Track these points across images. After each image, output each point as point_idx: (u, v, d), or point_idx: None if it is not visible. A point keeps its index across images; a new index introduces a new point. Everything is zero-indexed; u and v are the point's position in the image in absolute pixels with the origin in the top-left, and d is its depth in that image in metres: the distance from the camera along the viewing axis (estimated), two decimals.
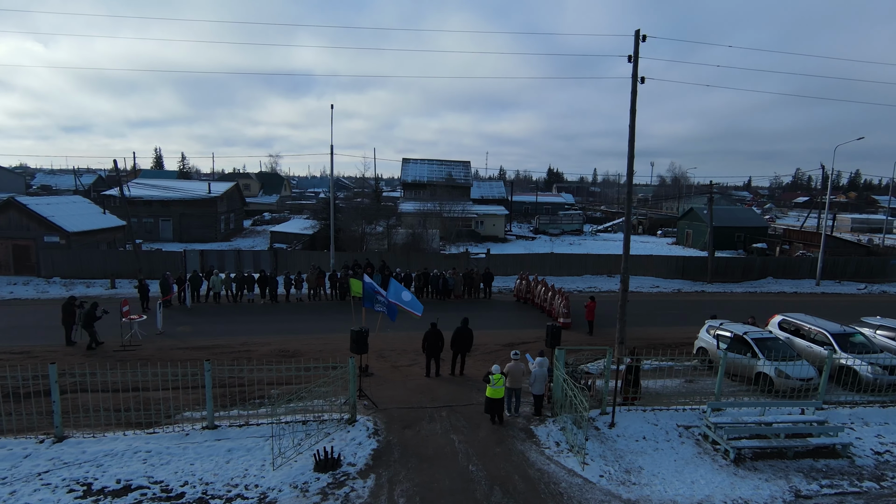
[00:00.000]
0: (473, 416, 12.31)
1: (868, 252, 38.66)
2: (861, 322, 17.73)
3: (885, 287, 32.55)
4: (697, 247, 49.75)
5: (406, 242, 35.66)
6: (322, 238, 38.45)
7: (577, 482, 9.69)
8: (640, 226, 64.64)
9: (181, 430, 11.11)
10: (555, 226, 57.99)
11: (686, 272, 32.52)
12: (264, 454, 10.31)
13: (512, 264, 30.40)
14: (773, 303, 27.25)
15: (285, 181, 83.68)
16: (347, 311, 22.20)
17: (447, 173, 54.29)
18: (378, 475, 9.71)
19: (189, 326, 19.43)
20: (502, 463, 10.26)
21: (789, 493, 9.52)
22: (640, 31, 15.36)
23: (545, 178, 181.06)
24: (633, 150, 15.99)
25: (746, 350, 14.70)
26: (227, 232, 48.20)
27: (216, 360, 15.76)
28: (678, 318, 22.98)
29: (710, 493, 9.38)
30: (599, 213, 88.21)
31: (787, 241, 45.13)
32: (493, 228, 48.55)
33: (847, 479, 10.04)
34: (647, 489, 9.53)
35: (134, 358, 15.93)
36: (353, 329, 13.01)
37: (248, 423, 11.47)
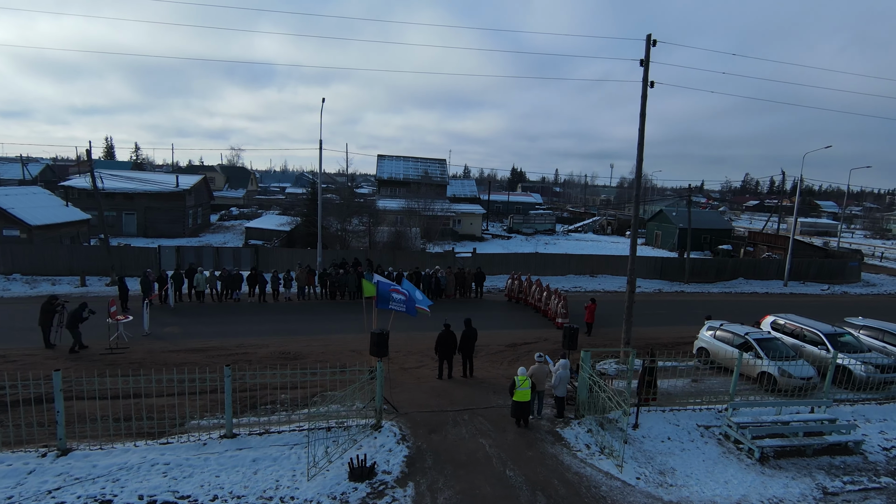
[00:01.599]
0: (497, 419, 12.17)
1: (826, 254, 40.86)
2: (845, 322, 18.62)
3: (845, 288, 34.49)
4: (666, 248, 51.36)
5: (389, 241, 35.17)
6: (300, 235, 37.44)
7: (617, 485, 9.70)
8: (609, 226, 66.18)
9: (197, 439, 10.47)
10: (528, 225, 58.56)
11: (664, 273, 33.45)
12: (292, 463, 9.85)
13: (498, 264, 30.41)
14: (748, 303, 28.40)
15: (252, 175, 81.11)
16: (342, 311, 21.67)
17: (423, 171, 53.90)
18: (416, 483, 9.42)
19: (177, 327, 18.43)
20: (538, 467, 10.16)
21: (817, 490, 9.84)
22: (650, 36, 15.56)
23: (509, 178, 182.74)
24: (641, 154, 16.20)
25: (749, 350, 15.16)
26: (195, 227, 46.25)
27: (213, 363, 15.07)
28: (667, 318, 23.59)
29: (746, 493, 9.57)
30: (567, 214, 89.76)
31: (751, 244, 47.14)
32: (471, 227, 48.57)
33: (866, 475, 10.48)
34: (685, 490, 9.64)
35: (124, 362, 14.95)
36: (374, 331, 12.61)
37: (269, 431, 10.92)
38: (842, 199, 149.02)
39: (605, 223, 66.69)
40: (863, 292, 33.90)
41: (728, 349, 15.68)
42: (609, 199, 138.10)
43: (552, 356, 17.36)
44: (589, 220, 67.51)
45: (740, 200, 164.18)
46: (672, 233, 51.08)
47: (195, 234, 44.95)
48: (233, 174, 73.79)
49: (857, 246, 56.55)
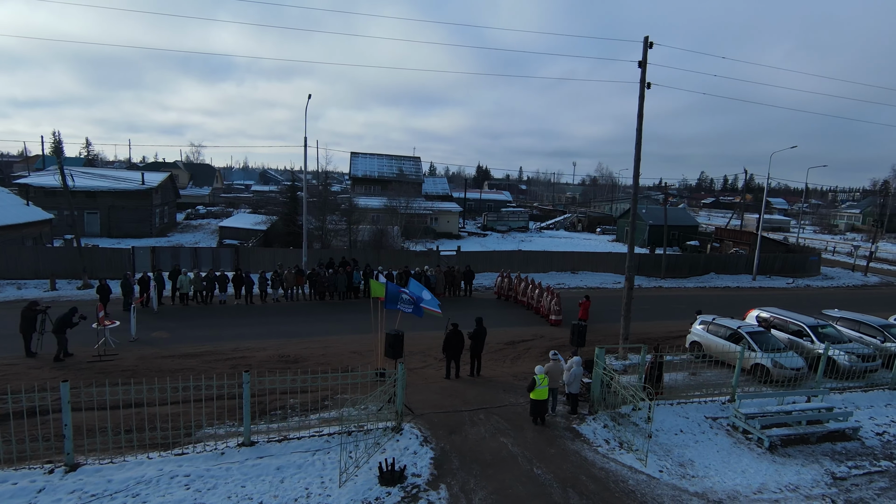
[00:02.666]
0: (512, 418, 12.22)
1: (787, 250, 42.89)
2: (822, 314, 19.59)
3: (808, 281, 36.33)
4: (637, 244, 52.73)
5: (370, 240, 34.76)
6: (277, 234, 36.57)
7: (643, 479, 9.91)
8: (580, 223, 67.47)
9: (214, 448, 10.08)
10: (502, 223, 59.04)
11: (641, 269, 34.34)
12: (318, 470, 9.62)
13: (482, 261, 30.54)
14: (721, 296, 29.54)
15: (217, 172, 78.53)
16: (334, 312, 21.28)
17: (398, 169, 53.54)
18: (448, 485, 9.36)
19: (165, 332, 17.68)
20: (563, 464, 10.27)
21: (827, 476, 10.33)
22: (648, 38, 15.92)
23: (475, 175, 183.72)
24: (639, 153, 16.57)
25: (742, 342, 15.75)
26: (162, 226, 44.48)
27: (210, 368, 14.56)
28: (652, 313, 24.24)
29: (764, 482, 9.95)
30: (535, 211, 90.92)
31: (717, 239, 48.99)
32: (448, 225, 48.58)
33: (867, 459, 11.07)
34: (708, 481, 9.94)
35: (115, 370, 14.25)
36: (389, 332, 12.45)
37: (287, 438, 10.62)
38: (790, 197, 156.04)
39: (576, 220, 67.96)
40: (823, 285, 35.77)
41: (721, 343, 16.24)
42: (574, 196, 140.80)
43: (548, 353, 17.62)
44: (560, 218, 68.63)
45: (697, 197, 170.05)
46: (642, 229, 52.52)
47: (162, 233, 43.23)
48: (197, 171, 71.23)
49: (809, 241, 59.63)
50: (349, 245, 34.29)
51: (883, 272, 42.59)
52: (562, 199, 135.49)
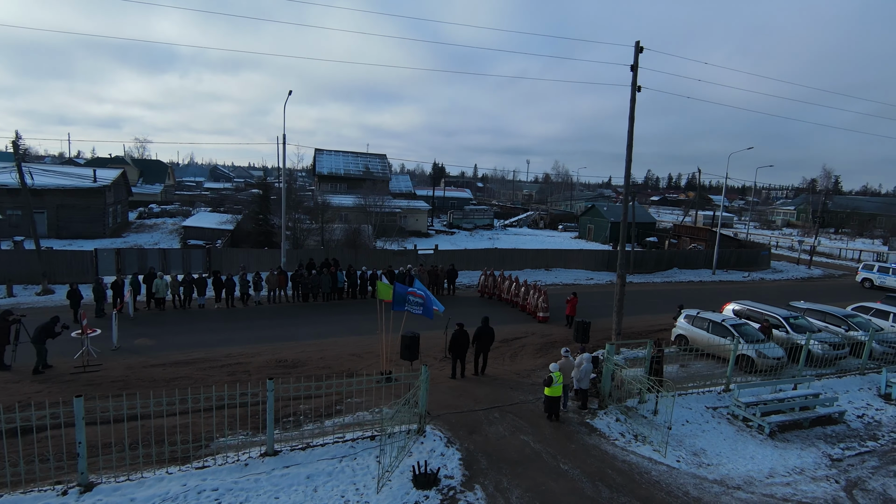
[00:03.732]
0: (527, 415, 12.41)
1: (740, 245, 45.41)
2: (789, 306, 20.91)
3: (761, 274, 38.63)
4: (599, 240, 54.43)
5: (344, 239, 34.20)
6: (245, 234, 35.37)
7: (663, 469, 10.32)
8: (542, 221, 68.84)
9: (237, 459, 9.71)
10: (468, 220, 59.42)
11: (610, 265, 35.46)
12: (349, 477, 9.45)
13: (459, 260, 30.65)
14: (687, 290, 30.97)
15: (169, 169, 74.81)
16: (321, 314, 20.82)
17: (364, 166, 52.85)
18: (483, 486, 9.43)
19: (147, 339, 16.79)
20: (587, 459, 10.54)
21: (825, 458, 11.10)
22: (639, 43, 16.46)
23: (431, 173, 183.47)
24: (630, 154, 17.13)
25: (726, 334, 16.63)
26: (116, 226, 42.06)
27: (207, 376, 14.01)
28: (629, 308, 24.95)
29: (773, 466, 10.58)
30: (496, 209, 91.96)
31: (674, 236, 51.22)
32: (417, 223, 48.43)
33: (855, 441, 11.97)
34: (723, 469, 10.47)
35: (103, 381, 13.43)
36: (405, 334, 12.36)
37: (310, 445, 10.35)
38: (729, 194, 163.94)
39: (538, 218, 69.29)
40: (775, 277, 38.14)
41: (707, 335, 17.08)
42: (531, 194, 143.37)
43: (547, 349, 17.98)
44: (523, 215, 69.76)
45: (645, 195, 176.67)
46: (604, 227, 54.21)
47: (116, 234, 40.87)
48: (146, 168, 67.56)
49: (751, 236, 63.39)
50: (322, 245, 33.61)
51: (824, 265, 45.85)
52: (519, 197, 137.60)
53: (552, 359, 17.06)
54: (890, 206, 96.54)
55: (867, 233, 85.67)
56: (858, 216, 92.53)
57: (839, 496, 9.68)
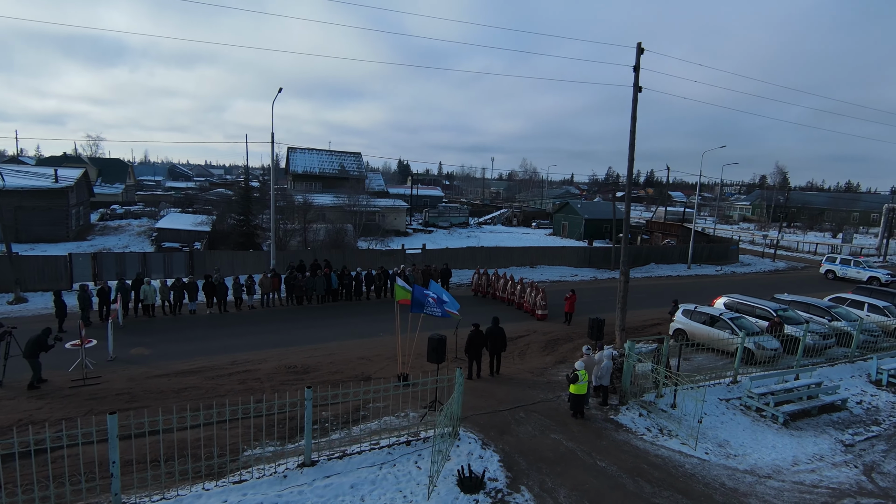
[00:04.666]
0: (551, 413, 12.50)
1: (709, 240, 47.11)
2: (774, 298, 21.84)
3: (732, 268, 40.20)
4: (574, 237, 55.41)
5: (327, 239, 33.57)
6: (223, 235, 34.22)
7: (695, 462, 10.59)
8: (515, 218, 69.52)
9: (274, 472, 9.36)
10: (444, 219, 59.38)
11: (592, 261, 36.19)
12: (392, 484, 9.28)
13: (448, 259, 30.52)
14: (668, 285, 31.90)
15: (130, 168, 71.40)
16: (319, 317, 20.35)
17: (340, 164, 52.02)
18: (528, 487, 9.43)
19: (144, 348, 16.01)
20: (620, 455, 10.70)
21: (839, 444, 11.64)
22: (640, 44, 16.79)
23: (396, 171, 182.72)
24: (632, 153, 17.47)
25: (725, 328, 17.21)
26: (79, 229, 39.96)
27: (217, 385, 13.48)
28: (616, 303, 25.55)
29: (795, 454, 11.03)
30: (466, 206, 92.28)
31: (647, 232, 52.67)
32: (395, 222, 48.03)
33: (861, 426, 12.61)
34: (749, 459, 10.82)
35: (107, 394, 12.72)
36: (432, 337, 12.22)
37: (346, 454, 10.10)
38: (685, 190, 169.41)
39: (512, 215, 69.94)
40: (745, 271, 39.77)
41: (706, 329, 17.63)
42: (499, 191, 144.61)
43: (552, 347, 18.16)
44: (497, 213, 70.27)
45: (607, 191, 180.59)
46: (578, 223, 55.23)
47: (81, 237, 38.82)
48: (105, 167, 64.25)
49: (711, 230, 65.94)
50: (305, 246, 32.90)
51: (786, 258, 48.12)
52: (486, 195, 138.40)
53: (559, 356, 17.32)
54: (837, 201, 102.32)
55: (817, 226, 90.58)
56: (809, 210, 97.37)
57: (861, 480, 10.17)
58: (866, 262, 36.98)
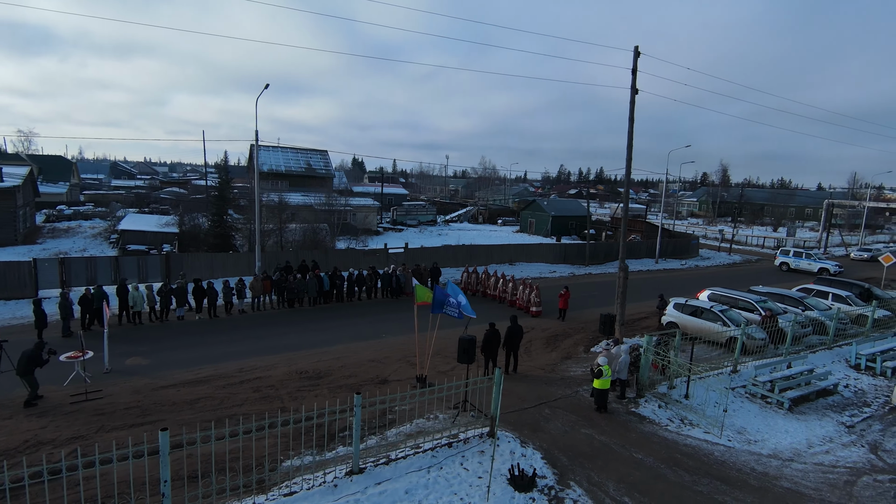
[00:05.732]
0: (575, 409, 12.77)
1: (670, 235, 49.21)
2: (751, 290, 23.10)
3: (694, 262, 42.18)
4: (540, 234, 56.45)
5: (302, 239, 32.75)
6: (192, 236, 32.71)
7: (722, 449, 11.12)
8: (481, 216, 70.10)
9: (323, 482, 9.11)
10: (412, 217, 59.11)
11: (567, 257, 37.05)
12: (446, 488, 9.25)
13: (429, 258, 30.46)
14: (645, 279, 33.09)
15: (74, 166, 66.75)
16: (315, 320, 19.90)
17: (306, 163, 50.79)
18: (577, 482, 9.63)
19: (140, 358, 15.14)
20: (653, 446, 11.08)
21: (842, 426, 12.51)
22: (637, 48, 17.32)
23: (350, 168, 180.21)
24: (630, 154, 18.03)
25: (716, 320, 18.09)
26: (27, 231, 37.19)
27: (231, 394, 12.97)
28: (602, 299, 26.31)
29: (808, 437, 11.78)
30: (431, 204, 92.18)
31: (612, 228, 54.39)
32: (366, 221, 47.38)
33: (855, 408, 13.59)
34: (768, 444, 11.47)
35: (115, 409, 11.96)
36: (462, 337, 12.20)
37: (390, 459, 9.95)
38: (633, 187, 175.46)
39: (477, 213, 70.47)
40: (706, 264, 41.83)
41: (697, 322, 18.48)
42: (457, 189, 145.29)
43: (554, 343, 18.52)
44: (463, 211, 70.61)
45: (560, 189, 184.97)
46: (545, 220, 56.31)
47: (30, 240, 36.09)
48: (47, 165, 59.76)
49: (671, 227, 69.18)
50: (280, 247, 31.97)
51: (739, 251, 50.92)
52: (444, 192, 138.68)
53: (564, 352, 17.69)
54: (775, 197, 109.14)
55: (758, 221, 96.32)
56: (751, 206, 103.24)
57: (871, 458, 11.00)
58: (816, 254, 39.68)
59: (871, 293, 24.18)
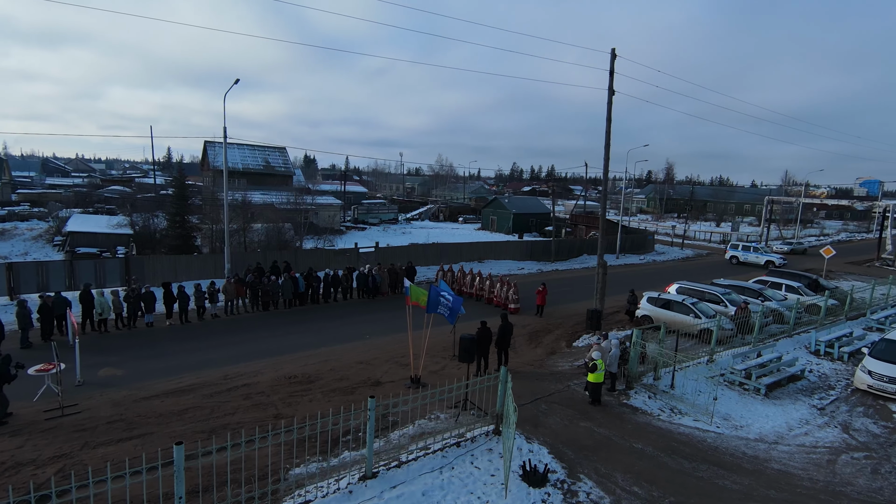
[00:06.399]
0: (569, 402, 13.05)
1: (627, 231, 50.99)
2: (713, 283, 24.30)
3: (652, 256, 43.92)
4: (502, 231, 57.22)
5: (266, 240, 31.79)
6: (150, 238, 31.07)
7: (713, 435, 11.67)
8: (441, 213, 70.23)
9: (338, 488, 8.92)
10: (373, 215, 58.53)
11: (533, 254, 37.73)
12: (461, 487, 9.25)
13: (400, 256, 30.32)
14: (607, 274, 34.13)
15: (5, 163, 61.72)
16: (293, 322, 19.45)
17: (264, 160, 49.25)
18: (587, 474, 9.85)
19: (113, 369, 14.27)
20: (650, 436, 11.49)
21: (814, 409, 13.40)
22: (614, 50, 17.86)
23: (302, 165, 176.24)
24: (608, 153, 18.56)
25: (689, 312, 18.94)
26: None
27: (221, 403, 12.47)
28: (574, 294, 26.99)
29: (787, 420, 12.55)
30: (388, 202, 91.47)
31: (571, 225, 55.77)
32: (329, 220, 46.48)
33: (823, 391, 14.57)
34: (753, 428, 12.13)
35: (96, 423, 11.23)
36: (464, 336, 12.20)
37: (401, 462, 9.85)
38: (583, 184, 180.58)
39: (438, 211, 70.56)
40: (663, 259, 43.66)
41: (670, 314, 19.26)
42: (413, 187, 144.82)
43: (537, 339, 18.85)
44: (423, 209, 70.51)
45: (513, 186, 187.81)
46: (507, 218, 57.11)
47: None
48: None
49: (627, 223, 71.88)
50: (244, 247, 30.90)
51: (690, 246, 53.44)
52: (401, 190, 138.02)
53: (548, 348, 18.03)
54: (717, 194, 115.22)
55: (702, 217, 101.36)
56: (695, 202, 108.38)
57: (845, 437, 11.85)
58: (763, 247, 42.21)
59: (819, 283, 25.99)
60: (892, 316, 21.98)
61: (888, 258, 43.86)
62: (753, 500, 9.13)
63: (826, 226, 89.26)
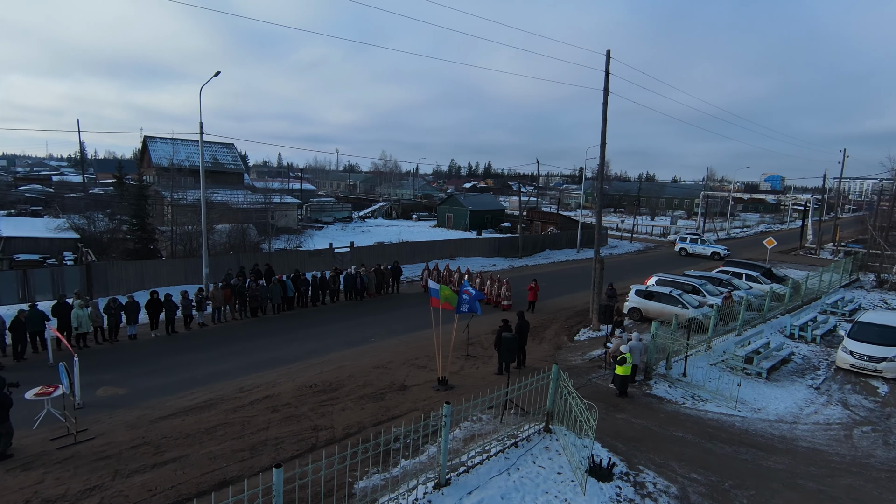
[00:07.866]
0: (597, 396, 13.31)
1: (583, 227, 52.83)
2: (685, 274, 25.72)
3: (607, 251, 45.77)
4: (459, 228, 57.53)
5: (230, 241, 30.12)
6: (95, 241, 28.49)
7: (738, 420, 12.38)
8: (394, 211, 69.52)
9: (416, 500, 8.64)
10: (327, 214, 56.98)
11: (501, 251, 38.26)
12: (534, 487, 9.27)
13: (376, 256, 29.79)
14: (571, 269, 35.32)
15: None
16: (289, 328, 18.77)
17: (212, 157, 46.51)
18: (645, 465, 10.15)
19: (113, 388, 13.00)
20: (685, 423, 12.01)
21: (810, 388, 14.54)
22: (609, 52, 18.39)
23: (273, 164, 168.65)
24: (604, 151, 19.11)
25: (676, 303, 19.95)
26: None
27: (249, 417, 11.76)
28: (553, 290, 27.60)
29: (795, 402, 13.53)
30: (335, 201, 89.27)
31: (526, 221, 56.93)
32: (287, 219, 44.69)
33: (812, 372, 15.84)
34: (770, 411, 12.99)
35: (118, 449, 10.21)
36: (506, 336, 12.16)
37: (470, 467, 9.68)
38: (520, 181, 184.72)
39: (391, 208, 69.79)
40: (618, 252, 45.68)
41: (658, 305, 20.23)
42: (356, 184, 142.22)
43: (538, 333, 19.14)
44: (376, 206, 69.43)
45: (454, 183, 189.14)
46: (464, 215, 57.47)
47: None
48: None
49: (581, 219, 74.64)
50: (208, 250, 29.06)
51: (639, 239, 56.25)
52: (345, 187, 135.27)
53: (553, 343, 18.37)
54: (649, 189, 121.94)
55: (637, 211, 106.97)
56: (629, 198, 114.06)
57: (848, 413, 12.96)
58: (708, 239, 45.15)
59: (772, 272, 28.20)
60: (841, 300, 24.26)
61: (810, 246, 48.33)
62: (801, 478, 9.79)
63: (746, 218, 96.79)
